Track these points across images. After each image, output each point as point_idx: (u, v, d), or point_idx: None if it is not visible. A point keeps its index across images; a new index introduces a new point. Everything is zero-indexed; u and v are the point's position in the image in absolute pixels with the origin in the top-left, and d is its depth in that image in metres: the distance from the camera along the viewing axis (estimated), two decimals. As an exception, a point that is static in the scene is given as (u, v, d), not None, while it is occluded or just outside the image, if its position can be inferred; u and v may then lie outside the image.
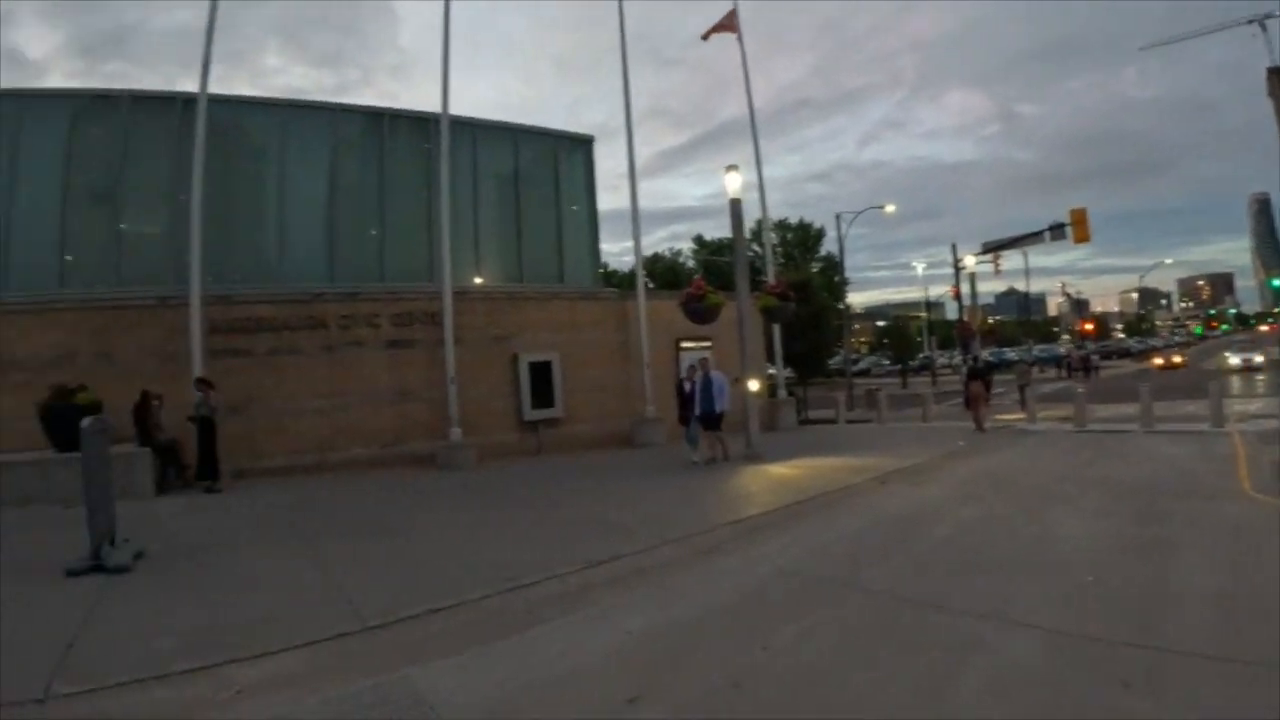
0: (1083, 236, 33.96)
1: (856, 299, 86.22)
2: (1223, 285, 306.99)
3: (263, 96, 21.97)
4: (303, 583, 7.78)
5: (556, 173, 23.64)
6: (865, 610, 6.17)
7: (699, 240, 60.42)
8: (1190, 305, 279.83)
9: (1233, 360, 52.17)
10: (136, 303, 17.22)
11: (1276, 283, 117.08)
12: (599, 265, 26.18)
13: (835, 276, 49.81)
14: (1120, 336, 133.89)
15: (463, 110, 22.41)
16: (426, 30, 28.99)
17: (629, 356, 21.70)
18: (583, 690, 4.91)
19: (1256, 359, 50.53)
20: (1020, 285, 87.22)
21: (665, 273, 53.39)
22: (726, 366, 18.62)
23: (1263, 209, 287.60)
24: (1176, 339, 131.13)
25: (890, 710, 4.40)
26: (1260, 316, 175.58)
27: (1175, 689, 4.46)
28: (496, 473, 16.60)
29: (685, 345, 22.15)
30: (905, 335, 75.47)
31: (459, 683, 5.09)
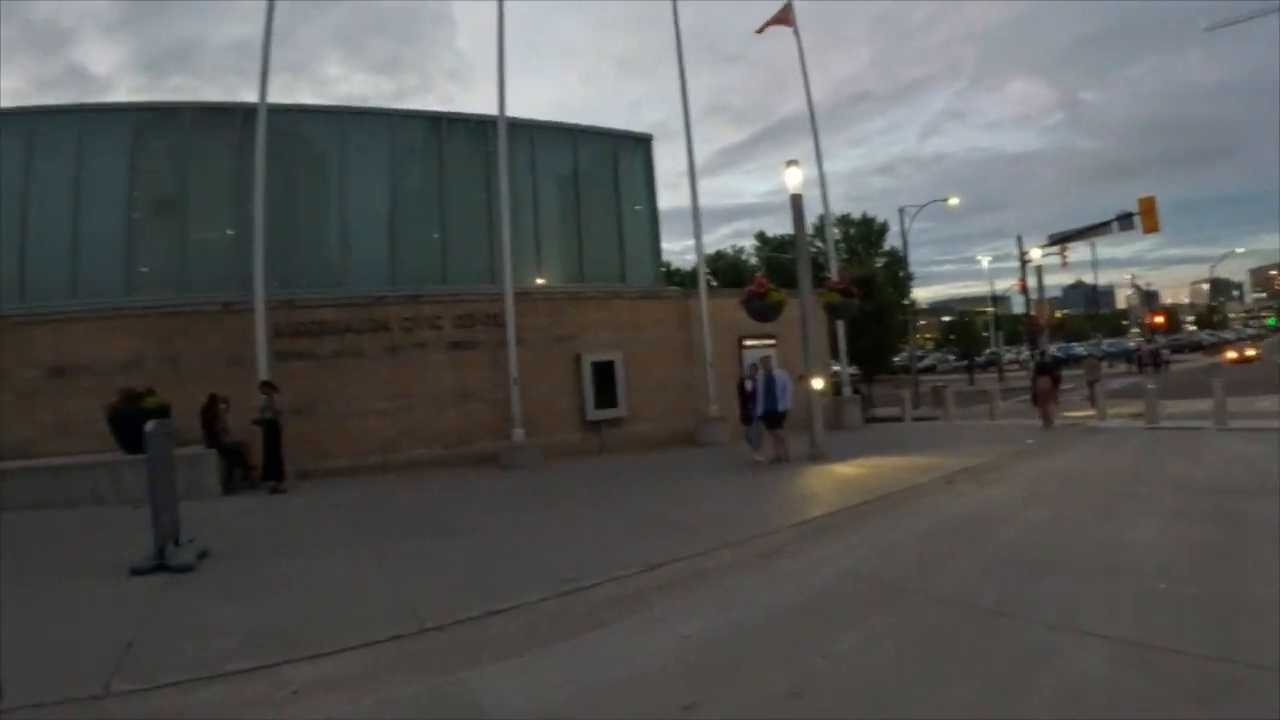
0: (1151, 226, 32.88)
1: (921, 294, 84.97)
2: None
3: (322, 104, 22.39)
4: (362, 583, 7.75)
5: (616, 172, 23.49)
6: (930, 617, 5.90)
7: (761, 237, 59.51)
8: (1264, 296, 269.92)
9: None
10: (202, 309, 17.57)
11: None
12: (660, 264, 25.95)
13: (900, 271, 48.87)
14: (1191, 329, 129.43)
15: (523, 112, 22.51)
16: (484, 34, 29.18)
17: (692, 355, 21.43)
18: (639, 696, 4.78)
19: None
20: (1088, 278, 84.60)
21: (728, 270, 52.99)
22: (790, 364, 18.32)
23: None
24: (1249, 331, 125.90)
25: (953, 724, 4.15)
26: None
27: (1252, 705, 4.09)
28: (559, 472, 16.50)
29: (748, 343, 21.76)
30: (971, 330, 73.63)
31: (515, 687, 5.00)
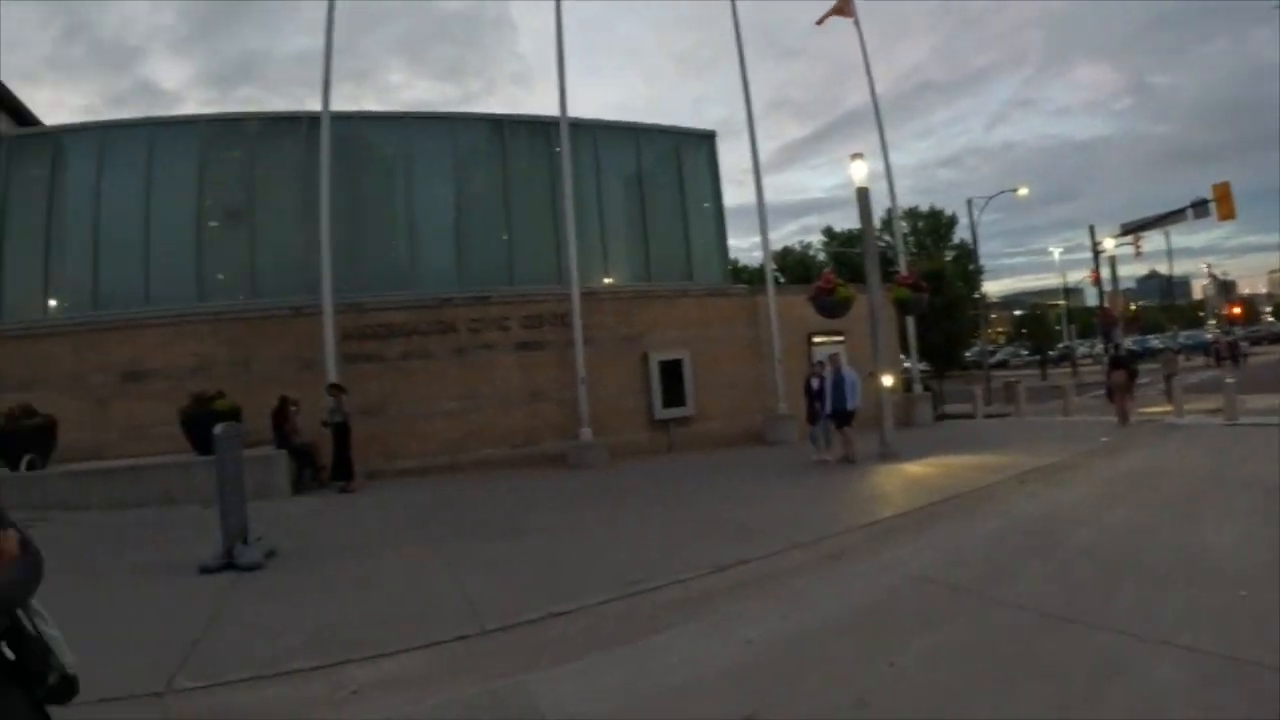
0: (1227, 213, 31.50)
1: (992, 288, 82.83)
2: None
3: (385, 111, 22.59)
4: (426, 583, 7.79)
5: (680, 170, 23.28)
6: (1000, 624, 5.69)
7: (828, 232, 58.70)
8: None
9: None
10: (272, 313, 17.95)
11: None
12: (727, 261, 25.71)
13: (969, 265, 47.68)
14: (1270, 320, 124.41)
15: (587, 113, 22.58)
16: (545, 37, 29.10)
17: (760, 353, 21.12)
18: (697, 704, 4.70)
19: None
20: (1162, 268, 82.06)
21: (795, 266, 52.46)
22: (860, 361, 17.96)
23: None
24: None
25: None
26: None
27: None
28: (627, 472, 16.40)
29: (817, 340, 21.39)
30: (1044, 324, 71.82)
31: (573, 691, 4.96)
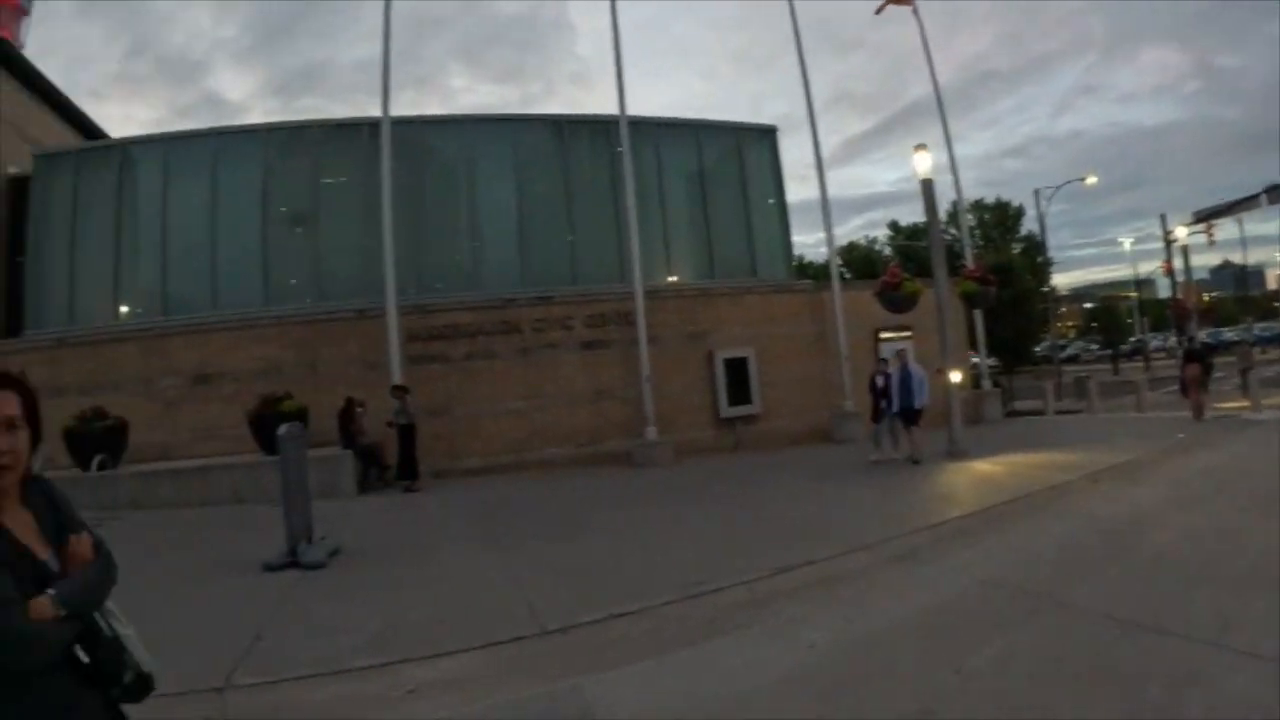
0: (1303, 199, 30.66)
1: (1061, 280, 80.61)
2: None
3: (445, 114, 22.75)
4: (488, 583, 7.80)
5: (742, 165, 22.99)
6: (1072, 631, 5.46)
7: (894, 226, 57.79)
8: None
9: None
10: (337, 316, 18.26)
11: None
12: (792, 257, 25.38)
13: (1038, 257, 46.44)
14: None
15: (647, 113, 22.23)
16: (603, 38, 29.16)
17: (826, 350, 20.79)
18: (756, 710, 4.60)
19: None
20: (1236, 257, 78.74)
21: (861, 262, 51.71)
22: (927, 357, 17.61)
23: None
24: None
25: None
26: None
27: None
28: (692, 470, 16.31)
29: (884, 336, 21.03)
30: (1115, 317, 70.02)
31: (630, 694, 4.93)
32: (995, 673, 4.79)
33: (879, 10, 23.27)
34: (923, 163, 16.50)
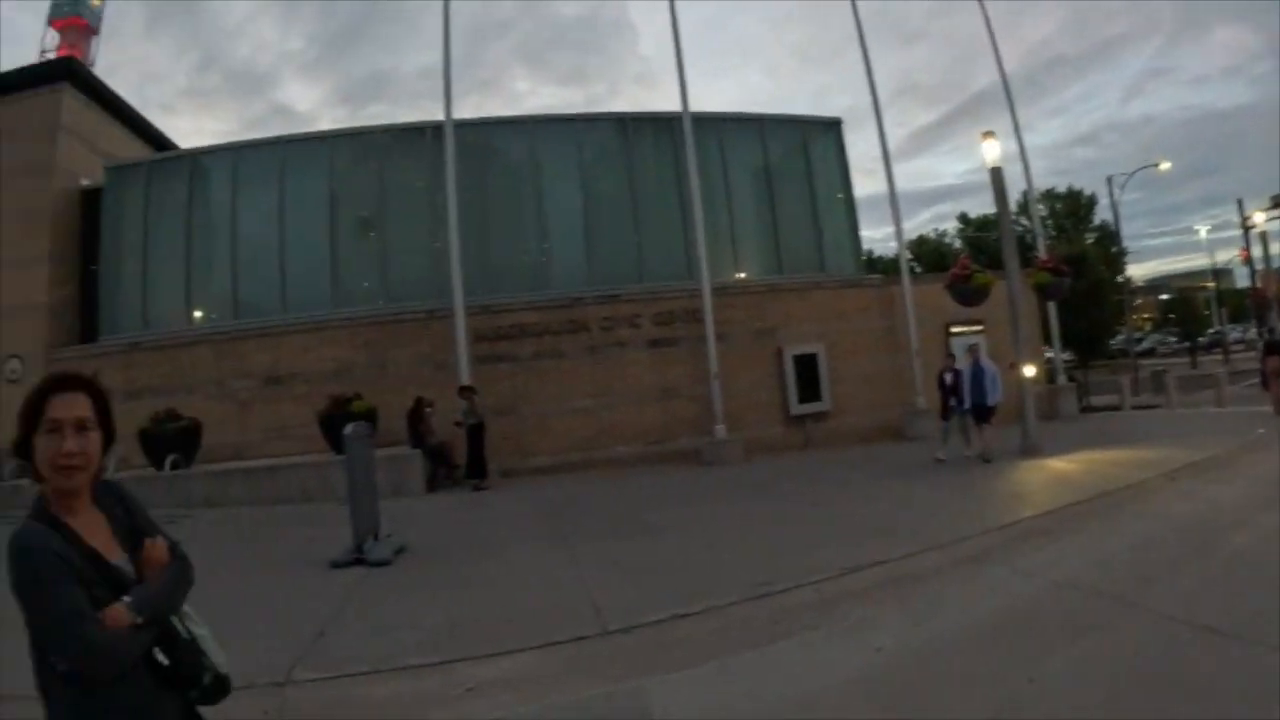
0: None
1: (1136, 271, 77.58)
2: None
3: (508, 115, 22.85)
4: (552, 581, 7.79)
5: (807, 159, 22.69)
6: (1149, 637, 5.23)
7: (963, 218, 56.14)
8: None
9: None
10: (405, 317, 18.61)
11: None
12: (860, 251, 24.98)
13: (1112, 247, 44.80)
14: None
15: (710, 109, 22.06)
16: (664, 38, 28.89)
17: (897, 345, 20.44)
18: (822, 716, 4.49)
19: None
20: None
21: (931, 255, 50.66)
22: (1000, 351, 17.19)
23: None
24: None
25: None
26: None
27: None
28: (761, 468, 16.15)
29: (955, 330, 20.53)
30: (1192, 308, 67.62)
31: (690, 697, 4.85)
32: (1069, 679, 4.61)
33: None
34: (991, 150, 16.03)
